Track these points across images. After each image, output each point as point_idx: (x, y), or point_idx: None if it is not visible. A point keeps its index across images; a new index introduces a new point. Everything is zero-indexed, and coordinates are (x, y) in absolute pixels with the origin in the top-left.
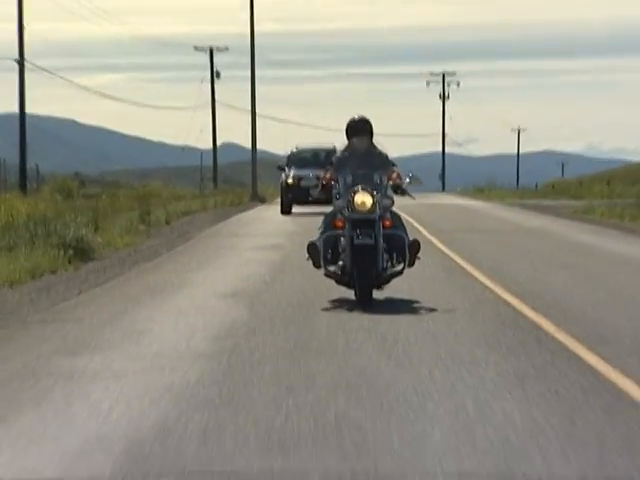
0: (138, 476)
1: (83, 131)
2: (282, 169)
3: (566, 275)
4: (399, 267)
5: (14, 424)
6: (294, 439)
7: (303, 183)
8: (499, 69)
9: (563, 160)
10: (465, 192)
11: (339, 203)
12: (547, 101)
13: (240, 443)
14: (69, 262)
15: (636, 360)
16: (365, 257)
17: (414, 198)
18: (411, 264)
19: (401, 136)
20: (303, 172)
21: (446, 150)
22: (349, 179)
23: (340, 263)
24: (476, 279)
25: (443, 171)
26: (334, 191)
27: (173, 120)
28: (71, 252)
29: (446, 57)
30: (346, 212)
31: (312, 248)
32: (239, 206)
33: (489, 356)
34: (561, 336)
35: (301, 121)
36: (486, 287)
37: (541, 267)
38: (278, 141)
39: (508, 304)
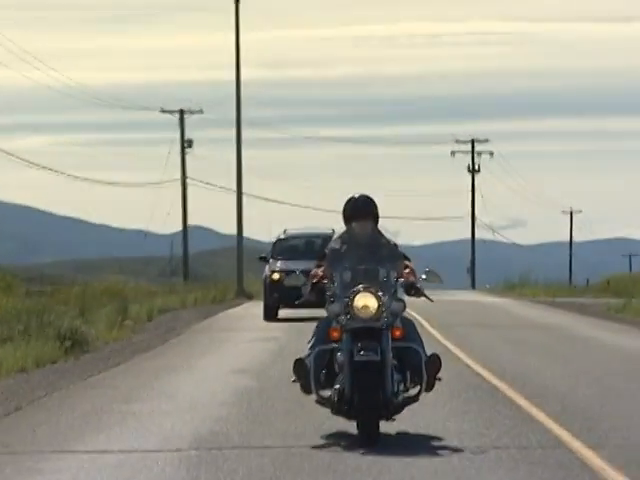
0: None
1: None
2: (265, 260)
3: (546, 360)
4: (414, 391)
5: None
6: None
7: (290, 281)
8: (544, 131)
9: (632, 251)
10: (495, 289)
11: (334, 308)
12: (609, 174)
13: None
14: (66, 353)
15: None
16: (369, 378)
17: (432, 300)
18: (430, 387)
19: (419, 220)
20: (293, 265)
21: (478, 237)
22: (347, 276)
23: (337, 387)
24: (463, 361)
25: (473, 263)
26: (328, 292)
27: (123, 198)
28: (68, 343)
29: (476, 115)
30: (344, 319)
31: (300, 367)
32: (223, 303)
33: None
34: (513, 394)
35: (291, 199)
36: (469, 366)
37: (527, 355)
38: (260, 225)
39: (482, 376)
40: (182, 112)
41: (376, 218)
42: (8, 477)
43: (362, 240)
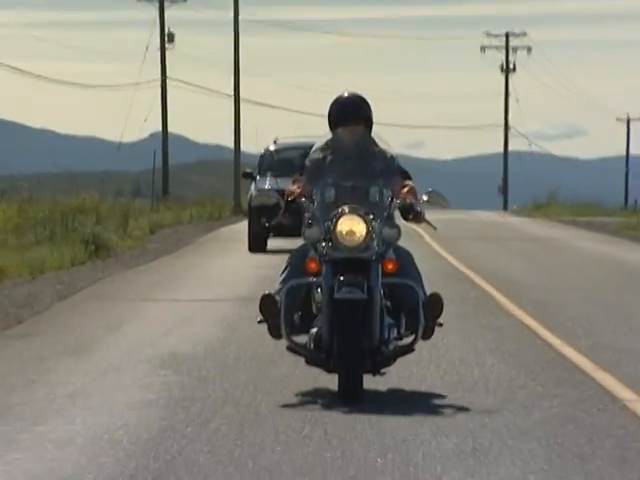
0: None
1: None
2: (251, 177)
3: (524, 263)
4: (409, 339)
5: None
6: None
7: (259, 199)
8: (584, 34)
9: None
10: (522, 210)
11: (312, 233)
12: None
13: None
14: (90, 256)
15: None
16: (352, 321)
17: (435, 228)
18: (428, 334)
19: (447, 128)
20: (285, 184)
21: (516, 149)
22: (330, 194)
23: (313, 330)
24: (449, 262)
25: (505, 181)
26: (305, 214)
27: (73, 99)
28: (92, 248)
29: (511, 10)
30: (324, 248)
31: (268, 304)
32: (220, 220)
33: None
34: (486, 285)
35: (285, 103)
36: (456, 268)
37: (504, 257)
38: (247, 134)
39: (462, 273)
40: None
41: (369, 123)
42: (119, 313)
43: (350, 150)
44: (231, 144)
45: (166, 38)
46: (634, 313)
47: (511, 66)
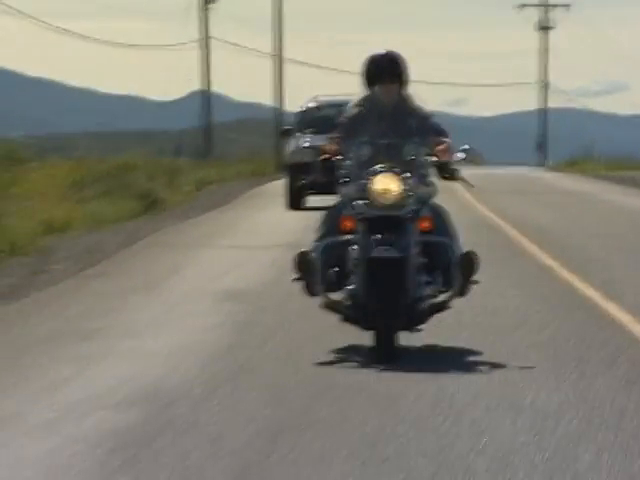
0: None
1: None
2: (290, 135)
3: (551, 213)
4: (444, 296)
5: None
6: None
7: (294, 157)
8: None
9: None
10: (558, 166)
11: (348, 191)
12: None
13: None
14: (145, 210)
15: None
16: (388, 278)
17: (472, 186)
18: (463, 292)
19: (488, 86)
20: (323, 141)
21: (558, 105)
22: (366, 152)
23: (349, 288)
24: (481, 212)
25: (543, 137)
26: (341, 172)
27: (129, 59)
28: (147, 202)
29: None
30: (359, 206)
31: (303, 262)
32: (264, 176)
33: None
34: (514, 231)
35: (327, 63)
36: (488, 216)
37: (534, 208)
38: (289, 92)
39: (493, 221)
40: None
41: (404, 81)
42: (179, 258)
43: (386, 108)
44: (270, 102)
45: None
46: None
47: (549, 24)
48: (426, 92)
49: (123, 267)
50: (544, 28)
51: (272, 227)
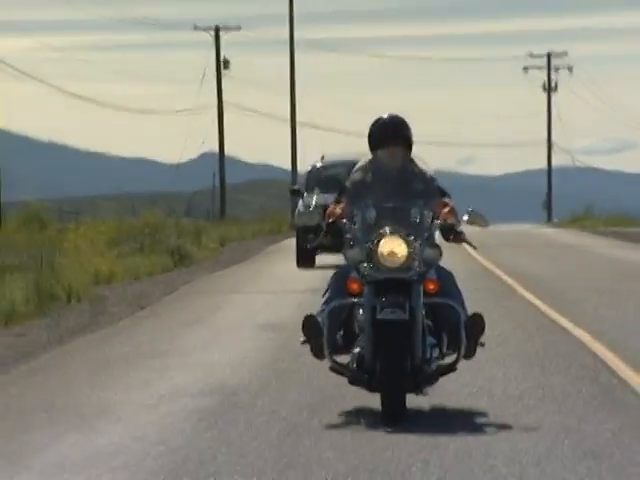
0: None
1: None
2: (298, 194)
3: (544, 263)
4: (451, 358)
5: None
6: None
7: (301, 220)
8: (629, 49)
9: None
10: (561, 223)
11: (354, 254)
12: None
13: None
14: (175, 265)
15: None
16: (395, 341)
17: (475, 247)
18: (470, 354)
19: (486, 146)
20: (332, 199)
21: (560, 164)
22: (371, 215)
23: (356, 350)
24: (481, 263)
25: (549, 196)
26: (347, 235)
27: (139, 123)
28: (177, 257)
29: (553, 36)
30: (366, 268)
31: (311, 325)
32: (280, 234)
33: None
34: (508, 278)
35: (334, 124)
36: (486, 267)
37: (530, 259)
38: (301, 153)
39: (491, 271)
40: (217, 29)
41: (409, 144)
42: (216, 301)
43: (390, 171)
44: (279, 163)
45: (222, 65)
46: (618, 296)
47: (553, 85)
48: (434, 151)
49: (169, 309)
50: (548, 89)
51: (293, 276)
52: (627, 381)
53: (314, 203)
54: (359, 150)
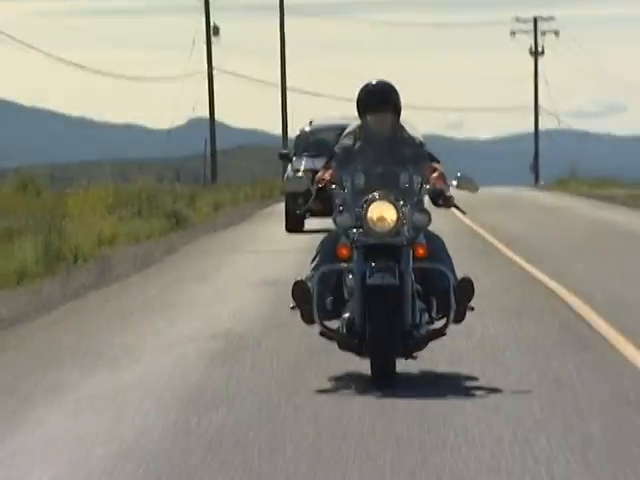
0: None
1: None
2: (287, 158)
3: (526, 223)
4: (440, 323)
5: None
6: None
7: (290, 186)
8: (615, 12)
9: None
10: (547, 186)
11: (343, 219)
12: None
13: None
14: (172, 228)
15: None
16: (385, 306)
17: (464, 212)
18: (460, 318)
19: (484, 111)
20: (322, 163)
21: (548, 127)
22: (360, 180)
23: (345, 315)
24: (466, 224)
25: (536, 159)
26: (336, 200)
27: (126, 89)
28: (174, 221)
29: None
30: (355, 234)
31: (300, 291)
32: (272, 198)
33: None
34: (491, 238)
35: (324, 90)
36: (471, 227)
37: (512, 219)
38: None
39: (475, 230)
40: None
41: (397, 110)
42: (216, 260)
43: (379, 137)
44: (267, 128)
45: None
46: (590, 251)
47: (540, 49)
48: (422, 116)
49: (173, 267)
50: (535, 53)
51: (286, 237)
52: (592, 325)
53: (302, 168)
54: (347, 115)
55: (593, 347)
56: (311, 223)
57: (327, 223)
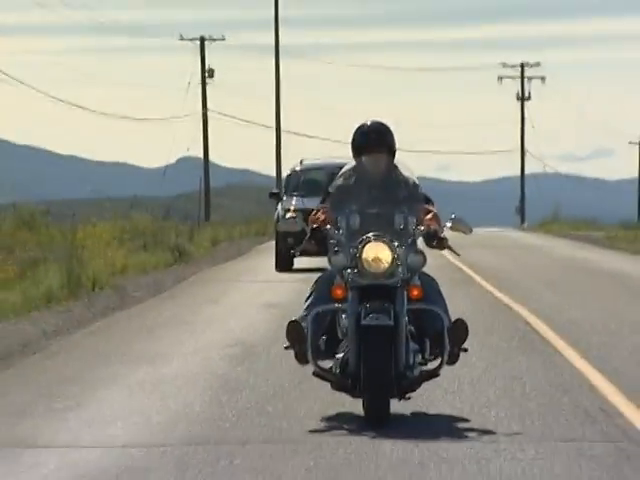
0: None
1: None
2: (277, 197)
3: (505, 260)
4: (434, 364)
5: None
6: None
7: (284, 226)
8: (600, 57)
9: None
10: (529, 228)
11: (338, 260)
12: None
13: None
14: (176, 261)
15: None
16: (379, 347)
17: (459, 254)
18: (453, 359)
19: (470, 154)
20: (311, 203)
21: (534, 171)
22: (355, 221)
23: (339, 356)
24: (450, 260)
25: (522, 200)
26: (331, 240)
27: (115, 128)
28: (177, 254)
29: (525, 43)
30: (350, 274)
31: (295, 331)
32: (266, 235)
33: None
34: (471, 272)
35: (314, 132)
36: (454, 264)
37: (493, 256)
38: (272, 158)
39: (457, 266)
40: (203, 39)
41: (392, 150)
42: (222, 287)
43: (374, 178)
44: (257, 168)
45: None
46: (559, 284)
47: (527, 94)
48: (411, 158)
49: (184, 293)
50: (522, 99)
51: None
52: (545, 336)
53: (293, 207)
54: (337, 155)
55: (543, 352)
56: (300, 262)
57: (315, 262)
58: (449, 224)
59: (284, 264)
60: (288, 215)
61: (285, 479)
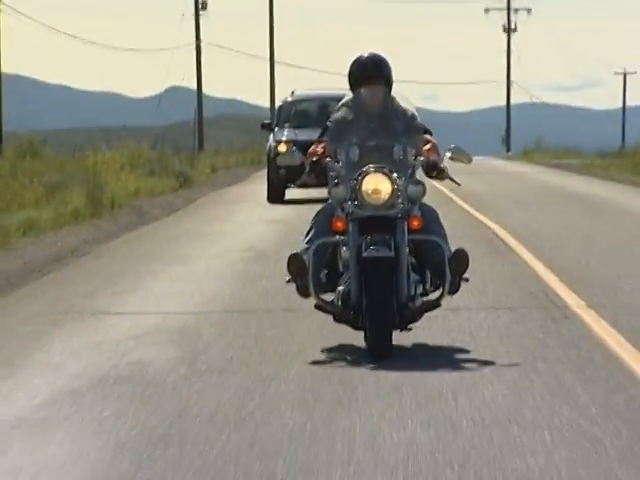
0: None
1: None
2: (269, 128)
3: (485, 185)
4: (435, 294)
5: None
6: None
7: (284, 160)
8: None
9: None
10: (513, 157)
11: (338, 192)
12: None
13: None
14: (180, 186)
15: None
16: (380, 278)
17: (459, 184)
18: (454, 289)
19: (457, 84)
20: (303, 135)
21: (520, 101)
22: (355, 153)
23: (340, 288)
24: (436, 187)
25: (508, 131)
26: (330, 173)
27: (104, 57)
28: (182, 180)
29: None
30: (350, 206)
31: (296, 264)
32: (260, 163)
33: None
34: (454, 196)
35: (305, 63)
36: (439, 189)
37: (474, 182)
38: (262, 88)
39: (441, 191)
40: None
41: (389, 82)
42: (228, 208)
43: (372, 110)
44: (246, 98)
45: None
46: (528, 204)
47: (513, 26)
48: (397, 88)
49: (196, 212)
50: (508, 30)
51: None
52: (508, 244)
53: (284, 138)
54: (329, 86)
55: (505, 255)
56: (292, 193)
57: (306, 193)
58: (449, 154)
59: (276, 196)
60: (285, 148)
61: (301, 332)
